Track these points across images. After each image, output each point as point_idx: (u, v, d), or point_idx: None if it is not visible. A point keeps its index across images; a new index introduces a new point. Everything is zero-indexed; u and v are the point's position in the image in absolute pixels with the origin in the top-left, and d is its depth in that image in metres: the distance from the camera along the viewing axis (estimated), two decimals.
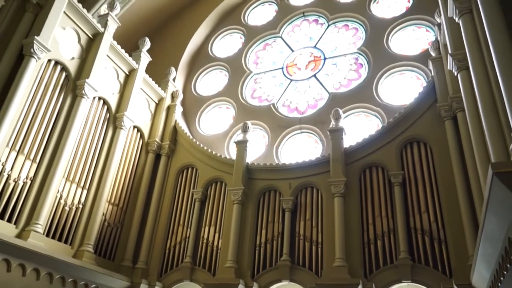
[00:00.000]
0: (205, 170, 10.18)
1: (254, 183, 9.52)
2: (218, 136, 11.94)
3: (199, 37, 14.37)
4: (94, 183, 8.71)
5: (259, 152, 11.08)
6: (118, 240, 9.20)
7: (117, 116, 9.55)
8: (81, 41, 8.72)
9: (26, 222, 7.10)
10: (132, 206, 9.70)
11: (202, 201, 9.84)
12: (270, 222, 8.98)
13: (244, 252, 8.75)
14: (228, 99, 12.70)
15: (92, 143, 8.82)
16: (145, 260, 9.35)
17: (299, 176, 9.19)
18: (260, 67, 13.28)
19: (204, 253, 9.13)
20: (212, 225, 9.40)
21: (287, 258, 8.35)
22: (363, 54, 11.81)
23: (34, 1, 7.60)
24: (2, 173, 6.79)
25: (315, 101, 11.64)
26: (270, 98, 12.31)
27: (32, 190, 7.30)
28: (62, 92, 8.18)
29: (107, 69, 9.47)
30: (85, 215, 8.38)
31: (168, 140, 10.79)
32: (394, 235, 7.81)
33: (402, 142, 8.71)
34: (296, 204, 9.01)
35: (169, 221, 9.88)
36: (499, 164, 3.16)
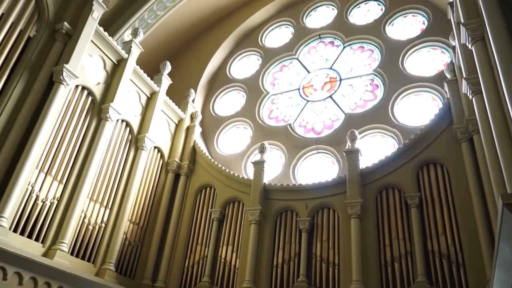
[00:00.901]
0: (223, 190, 10.38)
1: (271, 203, 9.66)
2: (235, 156, 12.18)
3: (217, 59, 14.78)
4: (117, 203, 9.01)
5: (276, 172, 11.24)
6: (138, 259, 9.42)
7: (139, 138, 9.89)
8: (106, 67, 9.16)
9: (52, 241, 7.40)
10: (152, 225, 9.94)
11: (220, 221, 10.01)
12: (287, 242, 9.07)
13: (262, 272, 8.85)
14: (245, 119, 12.97)
15: (115, 164, 9.15)
16: (164, 279, 9.53)
17: (316, 197, 9.30)
18: (277, 88, 13.56)
19: (222, 272, 9.26)
20: (229, 244, 9.55)
21: (304, 279, 8.41)
22: (378, 75, 11.96)
23: (63, 31, 8.05)
24: (31, 194, 7.13)
25: (331, 121, 11.80)
26: (286, 118, 12.52)
27: (58, 210, 7.62)
28: (88, 115, 8.57)
29: (130, 93, 9.87)
30: (108, 233, 8.65)
31: (187, 160, 11.08)
32: (412, 258, 7.80)
33: (418, 163, 8.75)
34: (313, 224, 9.10)
35: (187, 240, 10.07)
36: (509, 196, 3.25)
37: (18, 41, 7.39)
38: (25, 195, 7.00)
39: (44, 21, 7.92)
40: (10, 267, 6.41)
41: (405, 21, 12.83)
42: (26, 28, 7.57)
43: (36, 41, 7.75)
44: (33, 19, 7.74)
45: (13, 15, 7.29)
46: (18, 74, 7.29)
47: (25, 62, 7.44)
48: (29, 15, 7.63)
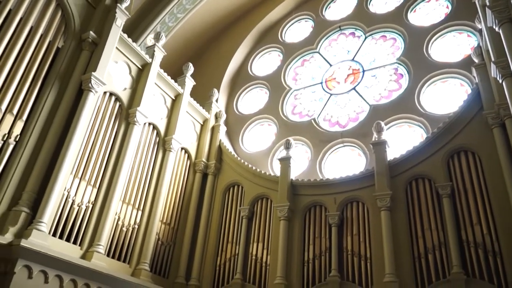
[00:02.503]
0: (250, 187, 10.46)
1: (299, 199, 9.67)
2: (261, 153, 12.23)
3: (238, 57, 14.85)
4: (148, 204, 9.23)
5: (303, 167, 11.23)
6: (171, 258, 9.63)
7: (166, 140, 10.09)
8: (132, 72, 9.38)
9: (89, 243, 7.67)
10: (182, 225, 10.14)
11: (249, 218, 10.10)
12: (317, 237, 9.07)
13: (293, 268, 8.88)
14: (269, 116, 13.00)
15: (144, 166, 9.37)
16: (197, 277, 9.71)
17: (344, 191, 9.24)
18: (299, 83, 13.51)
19: (253, 269, 9.35)
20: (260, 241, 9.62)
21: (336, 273, 8.39)
22: (402, 64, 11.74)
23: (89, 40, 8.30)
24: (68, 199, 7.41)
25: (356, 114, 11.67)
26: (310, 113, 12.47)
27: (93, 213, 7.89)
28: (117, 120, 8.82)
29: (155, 96, 10.07)
30: (141, 234, 8.88)
31: (214, 159, 11.22)
32: (446, 249, 7.66)
33: (448, 152, 8.55)
34: (342, 219, 9.06)
35: (218, 239, 10.21)
36: None
37: (48, 53, 7.68)
38: (62, 200, 7.28)
39: (71, 32, 8.20)
40: (51, 270, 6.69)
41: (427, 7, 12.53)
42: (54, 39, 7.85)
43: (64, 52, 8.03)
44: (60, 30, 8.02)
45: (42, 27, 7.59)
46: (49, 84, 7.58)
47: (55, 72, 7.73)
48: (56, 26, 7.91)
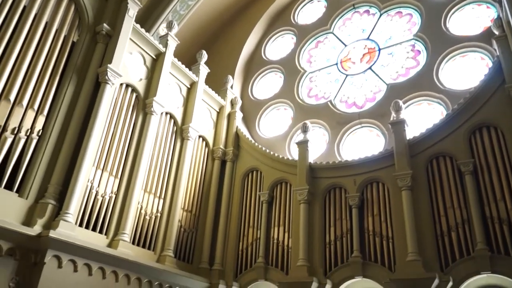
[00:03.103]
0: (269, 172, 10.50)
1: (319, 182, 9.67)
2: (278, 138, 12.21)
3: (251, 42, 14.73)
4: (169, 193, 9.38)
5: (321, 150, 11.17)
6: (194, 244, 9.81)
7: (183, 128, 10.17)
8: (146, 62, 9.43)
9: (114, 232, 7.87)
10: (204, 211, 10.28)
11: (269, 203, 10.16)
12: (337, 219, 9.08)
13: (315, 250, 8.94)
14: (285, 100, 12.92)
15: (163, 155, 9.50)
16: (221, 262, 9.87)
17: (363, 172, 9.19)
18: (314, 65, 13.35)
19: (275, 252, 9.46)
20: (281, 225, 9.70)
21: (358, 254, 8.41)
22: (420, 40, 11.45)
23: (103, 32, 8.36)
24: (91, 190, 7.60)
25: (373, 94, 11.50)
26: (326, 95, 12.34)
27: (117, 203, 8.07)
28: (134, 111, 8.92)
29: (171, 85, 10.12)
30: (164, 222, 9.06)
31: (232, 146, 11.27)
32: (469, 226, 7.57)
33: (470, 128, 8.38)
34: (363, 200, 9.02)
35: (239, 224, 10.33)
36: None
37: (64, 47, 7.78)
38: (86, 191, 7.47)
39: (85, 25, 8.27)
40: (79, 259, 6.91)
41: None
42: (69, 33, 7.94)
43: (79, 45, 8.12)
44: (74, 24, 8.09)
45: (56, 22, 7.67)
46: (67, 79, 7.71)
47: (72, 66, 7.84)
48: (70, 20, 7.99)
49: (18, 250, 6.26)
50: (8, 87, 6.68)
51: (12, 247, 6.19)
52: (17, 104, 6.78)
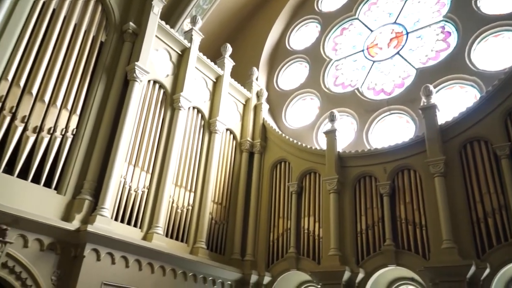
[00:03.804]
0: (297, 163, 10.48)
1: (348, 171, 9.57)
2: (305, 128, 12.14)
3: (275, 33, 14.65)
4: (199, 186, 9.54)
5: (349, 139, 11.03)
6: (226, 236, 9.95)
7: (211, 122, 10.29)
8: (172, 58, 9.56)
9: (148, 225, 8.10)
10: (234, 203, 10.40)
11: (298, 193, 10.16)
12: (368, 208, 8.98)
13: (346, 239, 8.90)
14: (311, 90, 12.80)
15: (192, 149, 9.65)
16: (252, 253, 9.98)
17: (394, 159, 9.03)
18: (339, 53, 13.14)
19: (306, 242, 9.47)
20: (311, 215, 9.69)
21: (391, 242, 8.31)
22: (450, 21, 11.07)
23: (130, 31, 8.53)
24: (125, 185, 7.83)
25: (402, 79, 11.21)
26: (353, 83, 12.14)
27: (149, 197, 8.29)
28: (163, 107, 9.09)
29: (197, 80, 10.23)
30: (195, 215, 9.23)
31: (259, 138, 11.31)
32: (506, 212, 7.32)
33: (506, 110, 8.06)
34: (394, 188, 8.88)
35: (269, 215, 10.39)
36: None
37: (93, 48, 8.00)
38: (120, 187, 7.71)
39: (112, 25, 8.45)
40: (116, 252, 7.16)
41: None
42: (97, 34, 8.15)
43: (107, 45, 8.32)
44: (102, 24, 8.29)
45: (84, 23, 7.88)
46: (97, 78, 7.93)
47: (101, 66, 8.06)
48: (98, 21, 8.19)
49: (59, 245, 6.55)
50: (43, 89, 6.95)
51: (53, 242, 6.48)
52: (52, 104, 7.05)
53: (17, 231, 6.04)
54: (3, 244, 5.81)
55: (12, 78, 6.55)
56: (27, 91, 6.71)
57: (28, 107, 6.69)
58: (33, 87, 6.79)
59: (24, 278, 6.07)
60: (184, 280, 8.32)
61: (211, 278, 8.89)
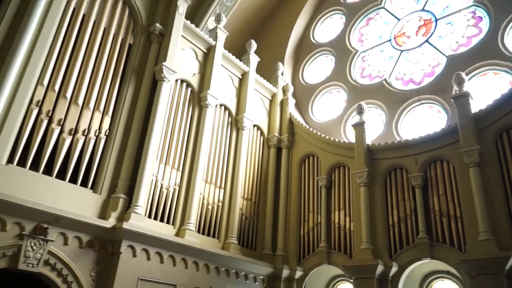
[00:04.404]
0: (326, 157, 10.42)
1: (378, 164, 9.44)
2: (333, 122, 12.02)
3: (299, 27, 14.54)
4: (228, 182, 9.65)
5: (378, 131, 10.85)
6: (256, 231, 10.03)
7: (238, 119, 10.36)
8: (198, 57, 9.69)
9: (180, 222, 8.27)
10: (263, 199, 10.46)
11: (327, 187, 10.10)
12: (400, 200, 8.84)
13: (378, 233, 8.79)
14: (337, 83, 12.66)
15: (221, 146, 9.76)
16: (283, 247, 10.02)
17: (425, 151, 8.84)
18: (365, 44, 12.92)
19: (337, 237, 9.42)
20: (341, 209, 9.62)
21: (425, 235, 8.15)
22: (481, 6, 10.67)
23: (156, 32, 8.70)
24: (157, 183, 8.02)
25: (432, 68, 10.91)
26: (381, 74, 11.91)
27: (180, 194, 8.46)
28: (190, 105, 9.24)
29: (223, 77, 10.32)
30: (225, 211, 9.35)
31: (286, 133, 11.30)
32: None
33: None
34: (426, 179, 8.69)
35: (299, 210, 10.38)
36: None
37: (122, 50, 8.21)
38: (152, 185, 7.91)
39: (139, 27, 8.64)
40: (151, 248, 7.36)
41: None
42: (125, 37, 8.35)
43: (136, 47, 8.52)
44: (129, 27, 8.49)
45: (113, 27, 8.10)
46: (127, 80, 8.14)
47: (130, 68, 8.26)
48: (126, 24, 8.40)
49: (97, 242, 6.80)
50: (76, 92, 7.20)
51: (91, 239, 6.74)
52: (85, 107, 7.30)
53: (58, 230, 6.32)
54: (45, 242, 6.12)
55: (48, 83, 6.82)
56: (61, 95, 6.98)
57: (63, 110, 6.95)
58: (67, 91, 7.05)
59: (65, 274, 6.35)
60: (217, 275, 8.46)
61: (243, 273, 9.00)
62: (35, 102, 6.56)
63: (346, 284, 9.65)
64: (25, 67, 6.53)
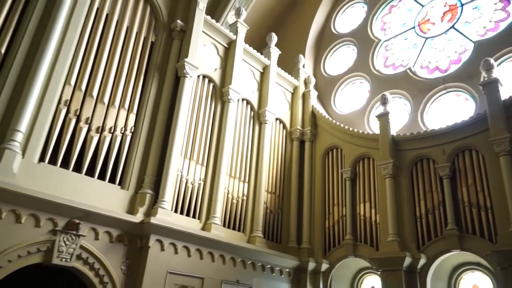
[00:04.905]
0: (349, 149, 10.31)
1: (404, 155, 9.28)
2: (356, 113, 11.88)
3: (320, 18, 14.37)
4: (252, 176, 9.68)
5: (403, 121, 10.65)
6: (281, 224, 10.05)
7: (260, 112, 10.36)
8: (219, 52, 9.72)
9: (206, 216, 8.37)
10: (287, 192, 10.46)
11: (352, 180, 10.01)
12: (427, 192, 8.68)
13: (405, 224, 8.67)
14: (360, 73, 12.48)
15: (244, 141, 9.80)
16: (308, 240, 10.01)
17: (453, 140, 8.63)
18: (388, 32, 12.66)
19: (363, 229, 9.34)
20: (366, 201, 9.53)
21: (454, 226, 7.99)
22: None
23: (177, 29, 8.77)
24: (182, 179, 8.14)
25: (458, 55, 10.61)
26: (405, 63, 11.66)
27: (205, 189, 8.55)
28: (213, 100, 9.30)
29: (244, 72, 10.32)
30: (250, 205, 9.40)
31: (309, 125, 11.23)
32: None
33: None
34: (454, 170, 8.49)
35: (323, 202, 10.34)
36: None
37: (144, 48, 8.32)
38: (177, 180, 8.02)
39: (161, 24, 8.73)
40: (178, 242, 7.48)
41: None
42: (147, 35, 8.46)
43: (158, 44, 8.62)
44: (151, 25, 8.59)
45: (135, 25, 8.21)
46: (150, 77, 8.26)
47: (153, 65, 8.37)
48: (147, 22, 8.50)
49: (126, 236, 6.97)
50: (102, 91, 7.36)
51: (120, 234, 6.91)
52: (111, 105, 7.45)
53: (89, 225, 6.51)
54: (77, 237, 6.32)
55: (75, 82, 6.99)
56: (88, 94, 7.15)
57: (90, 109, 7.12)
58: (94, 90, 7.21)
59: (97, 268, 6.54)
60: (244, 268, 8.54)
61: (269, 266, 9.05)
62: (63, 102, 6.75)
63: (373, 276, 9.57)
64: (53, 68, 6.71)
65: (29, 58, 6.49)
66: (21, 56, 6.45)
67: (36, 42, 6.63)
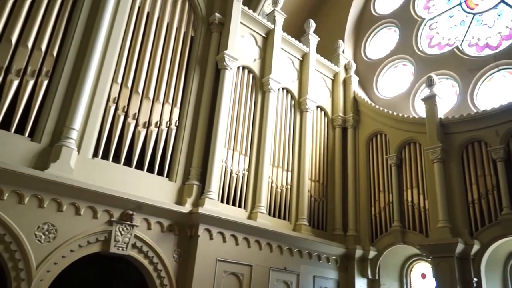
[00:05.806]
0: (394, 134, 10.05)
1: (452, 138, 8.93)
2: (400, 97, 11.52)
3: (359, 0, 13.98)
4: (295, 165, 9.69)
5: (451, 103, 10.21)
6: (326, 212, 10.02)
7: (301, 101, 10.31)
8: (258, 42, 9.74)
9: (252, 205, 8.51)
10: (331, 180, 10.39)
11: (398, 165, 9.77)
12: (480, 176, 8.32)
13: (456, 210, 8.38)
14: (403, 55, 12.06)
15: (285, 130, 9.81)
16: (354, 228, 9.92)
17: (507, 121, 8.19)
18: (432, 10, 12.12)
19: (411, 215, 9.13)
20: (414, 187, 9.28)
21: (509, 211, 7.64)
22: None
23: (216, 22, 8.88)
24: (226, 169, 8.30)
25: (510, 30, 9.98)
26: (451, 41, 11.13)
27: (250, 179, 8.67)
28: (253, 91, 9.36)
29: (283, 61, 10.28)
30: (294, 193, 9.43)
31: (351, 112, 11.04)
32: None
33: None
34: (509, 152, 8.07)
35: (369, 189, 10.18)
36: None
37: (185, 43, 8.51)
38: (222, 171, 8.20)
39: (200, 18, 8.87)
40: (226, 231, 7.65)
41: None
42: (187, 29, 8.63)
43: (197, 38, 8.77)
44: (190, 20, 8.76)
45: (175, 21, 8.40)
46: (191, 71, 8.44)
47: (194, 59, 8.54)
48: (187, 17, 8.67)
49: (176, 226, 7.24)
50: (147, 87, 7.63)
51: (171, 224, 7.18)
52: (156, 100, 7.71)
53: (141, 216, 6.82)
54: (131, 227, 6.65)
55: (121, 80, 7.29)
56: (134, 90, 7.43)
57: (136, 105, 7.41)
58: (139, 87, 7.49)
59: (151, 256, 6.85)
60: (291, 256, 8.62)
61: (316, 253, 9.07)
62: (112, 99, 7.07)
63: (423, 263, 9.36)
64: (101, 67, 7.03)
65: (78, 59, 6.83)
66: (72, 58, 6.79)
67: (84, 43, 6.96)
